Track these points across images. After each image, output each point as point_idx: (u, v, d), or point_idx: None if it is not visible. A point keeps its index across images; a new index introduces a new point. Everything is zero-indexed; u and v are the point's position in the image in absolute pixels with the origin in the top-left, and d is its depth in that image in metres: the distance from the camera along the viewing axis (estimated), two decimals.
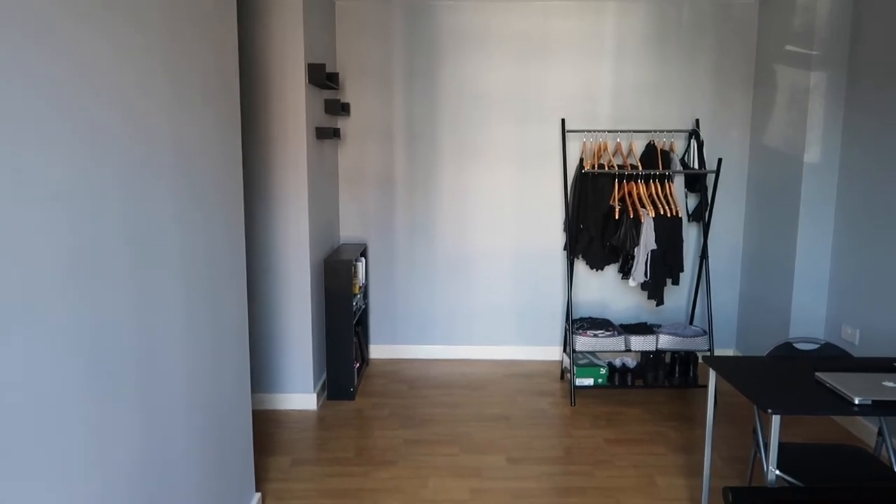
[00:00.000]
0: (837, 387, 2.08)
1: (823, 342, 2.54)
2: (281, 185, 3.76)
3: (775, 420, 1.97)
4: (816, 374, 2.20)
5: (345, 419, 3.86)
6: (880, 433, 2.42)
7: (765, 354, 2.57)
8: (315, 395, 3.97)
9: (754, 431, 2.37)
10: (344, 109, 4.47)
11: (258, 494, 2.86)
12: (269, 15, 3.60)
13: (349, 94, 4.62)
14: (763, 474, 2.30)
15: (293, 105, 3.68)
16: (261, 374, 3.95)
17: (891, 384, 2.08)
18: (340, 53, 4.58)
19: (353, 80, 4.60)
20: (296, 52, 3.64)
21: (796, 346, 2.53)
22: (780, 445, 2.45)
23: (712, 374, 2.41)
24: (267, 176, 3.74)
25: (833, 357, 2.51)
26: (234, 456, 2.56)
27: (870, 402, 1.98)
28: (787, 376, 2.26)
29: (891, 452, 2.36)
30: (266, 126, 3.69)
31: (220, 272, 2.32)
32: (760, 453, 2.30)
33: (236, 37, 2.46)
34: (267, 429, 3.72)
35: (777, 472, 2.04)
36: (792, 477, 2.18)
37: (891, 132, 3.35)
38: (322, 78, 3.78)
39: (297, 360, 3.93)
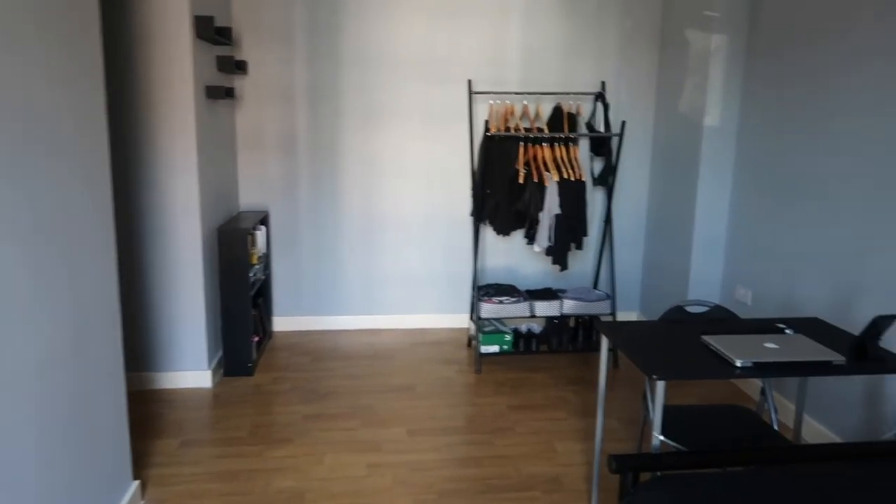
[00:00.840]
0: (721, 350, 2.07)
1: (714, 305, 2.56)
2: (168, 149, 3.48)
3: (659, 386, 1.95)
4: (702, 337, 2.19)
5: (241, 396, 3.68)
6: (763, 392, 2.46)
7: (657, 318, 2.56)
8: (210, 373, 3.76)
9: (644, 397, 2.36)
10: (240, 68, 4.19)
11: (136, 483, 2.66)
12: None
13: (246, 52, 4.34)
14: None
15: (179, 61, 3.39)
16: (150, 351, 3.71)
17: (771, 345, 2.10)
18: (237, 7, 4.27)
19: (250, 36, 4.31)
20: (180, 2, 3.34)
21: (687, 309, 2.53)
22: (669, 409, 2.46)
23: (604, 340, 2.38)
24: (153, 138, 3.46)
25: (721, 319, 2.53)
26: (104, 443, 2.36)
27: (751, 365, 1.99)
28: (675, 340, 2.25)
29: (772, 411, 2.40)
30: (149, 83, 3.40)
31: (77, 240, 2.09)
32: (650, 418, 2.29)
33: None
34: (156, 410, 3.50)
35: (661, 437, 2.03)
36: (678, 441, 2.18)
37: (787, 98, 3.39)
38: (211, 32, 3.50)
39: (189, 336, 3.71)
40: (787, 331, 2.27)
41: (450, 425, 3.37)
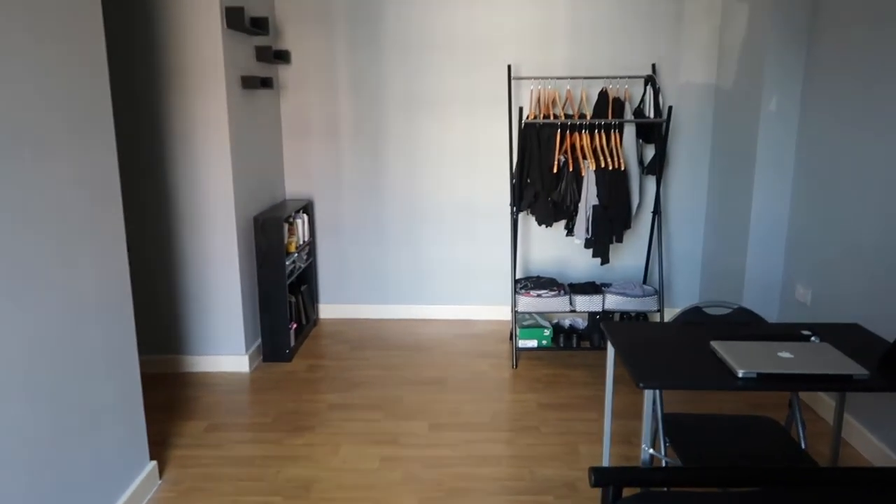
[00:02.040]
0: (727, 357, 1.88)
1: (737, 307, 2.33)
2: (202, 139, 3.56)
3: (647, 394, 1.78)
4: (711, 343, 1.99)
5: (274, 382, 3.73)
6: (790, 405, 2.23)
7: (672, 319, 2.37)
8: (247, 358, 3.84)
9: (654, 401, 2.18)
10: (282, 57, 4.22)
11: (153, 463, 2.74)
12: None
13: (290, 42, 4.37)
14: (659, 447, 2.12)
15: (210, 52, 3.45)
16: (189, 334, 3.83)
17: (786, 354, 1.88)
18: None
19: (293, 25, 4.34)
20: None
21: (706, 310, 2.32)
22: (685, 418, 2.27)
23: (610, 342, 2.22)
24: (187, 129, 3.54)
25: (742, 323, 2.30)
26: (117, 424, 2.43)
27: (754, 376, 1.78)
28: (683, 345, 2.06)
29: (799, 426, 2.17)
30: (182, 74, 3.47)
31: (76, 226, 2.14)
32: (658, 425, 2.12)
33: None
34: (191, 392, 3.61)
35: (651, 450, 1.86)
36: (687, 453, 2.01)
37: (853, 80, 3.05)
38: (243, 22, 3.54)
39: (226, 321, 3.79)
40: (813, 338, 2.03)
41: (473, 421, 3.28)
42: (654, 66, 4.16)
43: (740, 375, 1.79)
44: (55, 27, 2.05)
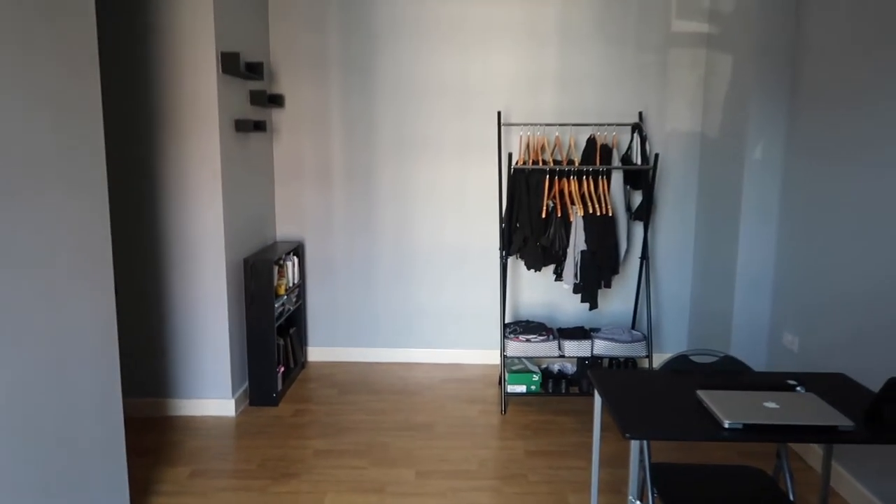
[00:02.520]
0: (713, 407, 1.87)
1: (724, 355, 2.34)
2: (194, 181, 3.58)
3: (634, 445, 1.77)
4: (697, 392, 1.99)
5: (260, 427, 3.68)
6: (778, 455, 2.22)
7: (657, 367, 2.37)
8: (233, 401, 3.80)
9: (641, 451, 2.17)
10: (275, 101, 4.28)
11: None
12: (178, 1, 3.42)
13: (283, 86, 4.44)
14: (647, 498, 2.10)
15: (205, 95, 3.50)
16: (175, 377, 3.79)
17: (772, 405, 1.88)
18: (274, 43, 4.39)
19: (287, 70, 4.41)
20: (206, 40, 3.46)
21: (693, 358, 2.33)
22: (669, 467, 2.25)
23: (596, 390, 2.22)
24: (180, 170, 3.57)
25: (728, 372, 2.30)
26: (97, 470, 2.38)
27: (740, 426, 1.78)
28: (668, 394, 2.06)
29: (787, 476, 2.16)
30: (177, 118, 3.52)
31: (66, 267, 2.14)
32: (646, 475, 2.10)
33: None
34: (175, 437, 3.55)
35: (638, 502, 1.84)
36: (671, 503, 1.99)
37: (836, 127, 3.12)
38: (238, 67, 3.59)
39: (213, 364, 3.76)
40: (798, 388, 2.03)
41: (461, 468, 3.24)
42: (640, 113, 4.24)
43: (726, 426, 1.79)
44: (50, 68, 2.07)
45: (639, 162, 4.02)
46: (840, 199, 3.03)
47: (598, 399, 2.24)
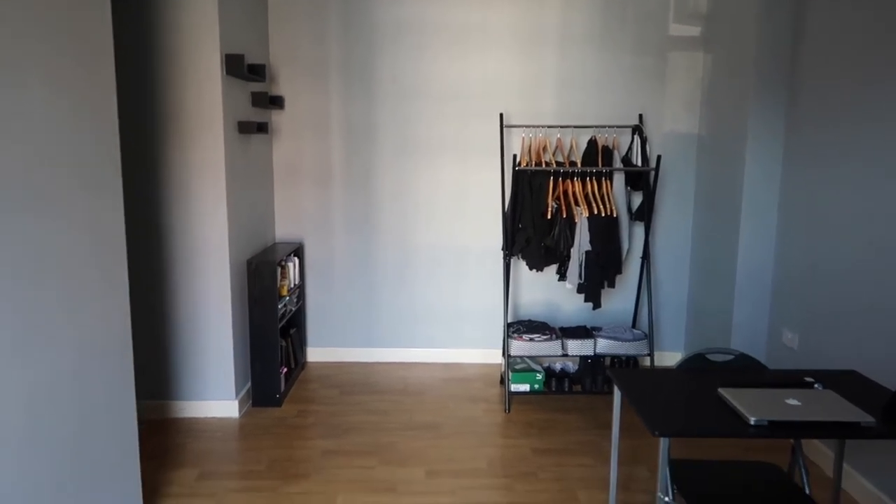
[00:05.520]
0: (736, 405, 1.92)
1: (739, 353, 2.39)
2: (198, 183, 3.56)
3: (663, 443, 1.81)
4: (719, 389, 2.03)
5: (265, 428, 3.67)
6: (793, 451, 2.27)
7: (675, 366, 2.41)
8: (237, 403, 3.78)
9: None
10: (276, 103, 4.27)
11: None
12: (182, 2, 3.39)
13: (283, 87, 4.42)
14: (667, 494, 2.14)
15: (209, 97, 3.48)
16: (178, 379, 3.76)
17: (794, 402, 1.92)
18: (274, 45, 4.38)
19: (288, 72, 4.40)
20: (211, 41, 3.44)
21: (710, 357, 2.37)
22: (685, 463, 2.29)
23: (616, 389, 2.25)
24: (184, 172, 3.55)
25: (745, 370, 2.35)
26: (112, 474, 2.37)
27: (766, 423, 1.82)
28: (691, 392, 2.10)
29: (802, 472, 2.21)
30: (181, 120, 3.49)
31: (80, 273, 2.13)
32: (665, 471, 2.14)
33: None
34: (180, 439, 3.53)
35: (666, 499, 1.88)
36: (690, 500, 2.02)
37: (834, 131, 3.19)
38: (242, 69, 3.58)
39: (216, 366, 3.74)
40: (817, 385, 2.08)
41: (470, 467, 3.27)
42: (640, 115, 4.29)
43: (752, 423, 1.83)
44: (70, 81, 2.06)
45: (639, 163, 4.07)
46: (838, 198, 3.10)
47: (617, 397, 2.27)
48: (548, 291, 4.58)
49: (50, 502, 1.98)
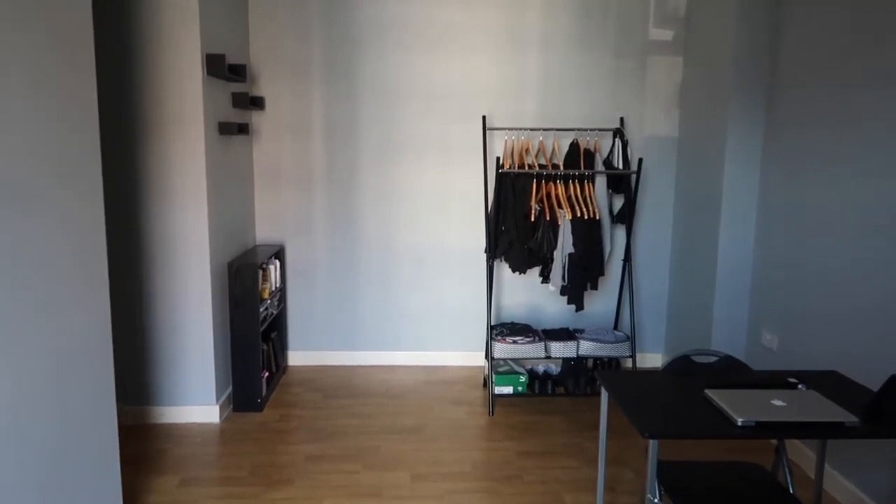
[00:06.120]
0: (723, 406, 1.93)
1: (724, 355, 2.41)
2: (178, 184, 3.51)
3: (653, 444, 1.82)
4: (706, 391, 2.05)
5: (247, 433, 3.63)
6: (777, 450, 2.30)
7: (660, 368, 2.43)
8: (218, 408, 3.73)
9: (646, 450, 2.22)
10: (256, 104, 4.23)
11: None
12: (162, 1, 3.35)
13: (264, 88, 4.38)
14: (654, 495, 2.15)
15: (190, 97, 3.44)
16: (158, 385, 3.70)
17: (779, 402, 1.95)
18: (255, 45, 4.33)
19: (269, 73, 4.36)
20: (192, 41, 3.39)
21: (695, 359, 2.39)
22: (669, 464, 2.31)
23: (604, 390, 2.26)
24: (164, 173, 3.50)
25: (730, 371, 2.38)
26: (92, 482, 2.32)
27: (753, 424, 1.84)
28: (677, 393, 2.11)
29: (786, 471, 2.24)
30: (161, 120, 3.44)
31: (59, 274, 2.08)
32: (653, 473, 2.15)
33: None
34: (161, 445, 3.48)
35: (656, 500, 1.89)
36: (681, 501, 2.04)
37: (812, 132, 3.25)
38: (223, 69, 3.54)
39: (197, 370, 3.69)
40: (800, 386, 2.11)
41: (455, 471, 3.26)
42: (622, 119, 4.33)
43: (739, 424, 1.84)
44: (50, 79, 2.02)
45: (620, 166, 4.10)
46: (816, 200, 3.16)
47: (604, 399, 2.28)
48: (531, 294, 4.59)
49: None
